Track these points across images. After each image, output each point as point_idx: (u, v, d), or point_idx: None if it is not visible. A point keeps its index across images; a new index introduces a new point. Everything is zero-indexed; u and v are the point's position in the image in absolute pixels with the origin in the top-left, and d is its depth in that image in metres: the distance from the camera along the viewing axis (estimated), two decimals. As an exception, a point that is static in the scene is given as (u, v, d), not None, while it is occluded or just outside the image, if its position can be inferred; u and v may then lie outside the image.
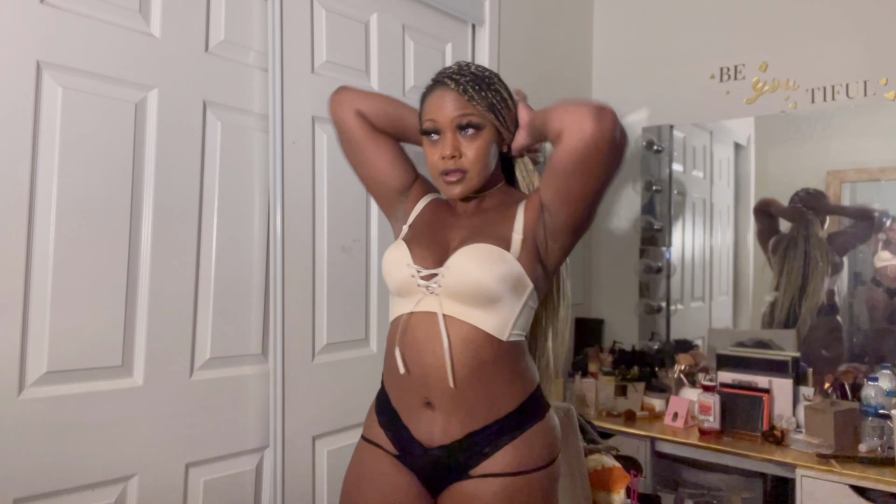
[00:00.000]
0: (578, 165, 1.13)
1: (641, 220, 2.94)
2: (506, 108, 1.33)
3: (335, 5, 1.98)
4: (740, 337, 2.73)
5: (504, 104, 1.32)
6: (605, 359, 2.81)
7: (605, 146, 1.11)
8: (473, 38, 2.49)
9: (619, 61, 3.07)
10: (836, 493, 1.96)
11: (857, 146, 2.53)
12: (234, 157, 1.75)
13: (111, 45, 1.52)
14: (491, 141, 1.30)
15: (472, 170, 1.29)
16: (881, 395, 2.13)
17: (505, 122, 1.32)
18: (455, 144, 1.28)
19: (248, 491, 1.76)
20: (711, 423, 2.29)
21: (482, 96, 1.29)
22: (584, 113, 1.10)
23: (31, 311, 1.40)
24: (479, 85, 1.29)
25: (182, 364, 1.64)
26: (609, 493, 1.79)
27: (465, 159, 1.28)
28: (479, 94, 1.29)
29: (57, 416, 1.42)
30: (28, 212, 1.39)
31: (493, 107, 1.30)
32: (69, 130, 1.45)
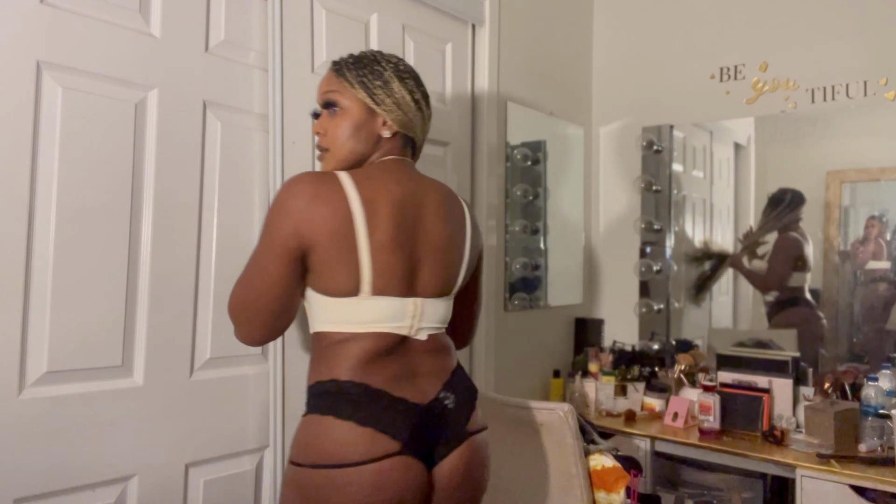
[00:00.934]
0: None
1: (641, 220, 2.94)
2: (384, 88, 1.30)
3: (335, 5, 1.98)
4: (740, 337, 2.73)
5: (385, 85, 1.30)
6: (605, 359, 2.81)
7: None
8: (473, 38, 2.49)
9: (619, 61, 3.07)
10: (836, 493, 1.96)
11: (857, 146, 2.53)
12: (234, 157, 1.75)
13: (111, 45, 1.52)
14: (357, 119, 1.30)
15: (332, 147, 1.32)
16: (881, 395, 2.13)
17: (380, 101, 1.30)
18: (321, 123, 1.34)
19: (248, 491, 1.76)
20: (711, 423, 2.29)
21: (354, 75, 1.29)
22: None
23: (31, 312, 1.40)
24: (356, 65, 1.31)
25: (182, 364, 1.64)
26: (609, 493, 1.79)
27: (327, 137, 1.32)
28: (351, 72, 1.30)
29: (57, 416, 1.42)
30: (28, 212, 1.39)
31: (365, 85, 1.29)
32: (69, 130, 1.45)
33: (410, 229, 1.27)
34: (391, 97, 1.30)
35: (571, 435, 1.78)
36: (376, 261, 1.22)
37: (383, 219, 1.23)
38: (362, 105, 1.30)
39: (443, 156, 2.35)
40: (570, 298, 2.98)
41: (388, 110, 1.30)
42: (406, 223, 1.26)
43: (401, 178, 1.30)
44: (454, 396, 1.31)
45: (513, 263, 2.62)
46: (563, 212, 2.94)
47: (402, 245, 1.25)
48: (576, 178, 3.03)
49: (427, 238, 1.30)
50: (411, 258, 1.27)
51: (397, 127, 1.31)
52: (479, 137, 2.48)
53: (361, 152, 1.32)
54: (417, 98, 1.34)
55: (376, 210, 1.23)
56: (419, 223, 1.29)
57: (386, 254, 1.23)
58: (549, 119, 2.85)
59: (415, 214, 1.28)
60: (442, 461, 1.27)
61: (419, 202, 1.30)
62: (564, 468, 1.79)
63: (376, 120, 1.31)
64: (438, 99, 2.33)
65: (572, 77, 3.02)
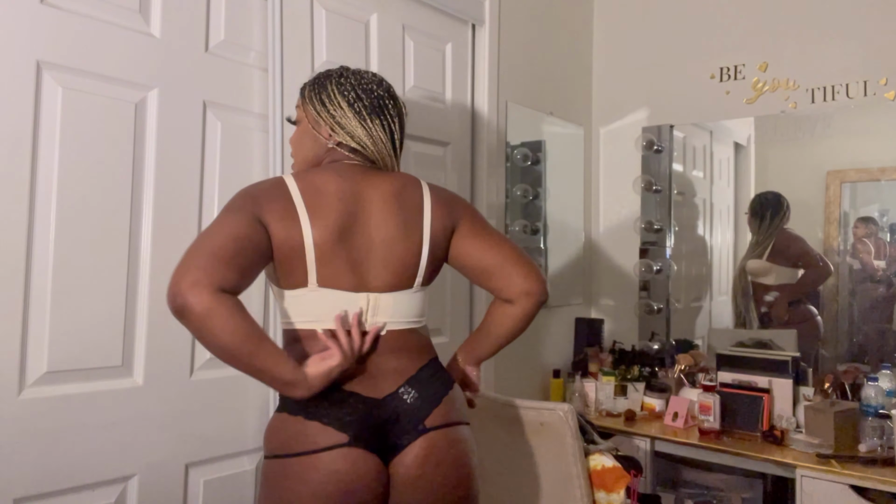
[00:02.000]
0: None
1: (641, 220, 2.94)
2: (326, 101, 1.36)
3: (335, 5, 1.98)
4: (740, 337, 2.73)
5: (327, 97, 1.36)
6: (605, 359, 2.81)
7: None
8: (473, 38, 2.49)
9: (619, 61, 3.07)
10: (836, 493, 1.96)
11: (857, 146, 2.53)
12: (234, 157, 1.75)
13: (111, 45, 1.52)
14: (306, 130, 1.39)
15: (293, 155, 1.45)
16: (881, 395, 2.13)
17: (319, 112, 1.36)
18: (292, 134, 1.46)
19: (248, 491, 1.77)
20: (711, 423, 2.29)
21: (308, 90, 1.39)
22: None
23: (31, 311, 1.40)
24: (313, 81, 1.40)
25: (182, 364, 1.64)
26: (609, 493, 1.79)
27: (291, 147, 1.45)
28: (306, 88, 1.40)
29: (57, 416, 1.42)
30: (28, 212, 1.39)
31: (311, 98, 1.38)
32: (69, 130, 1.45)
33: (353, 222, 1.30)
34: (329, 109, 1.36)
35: (571, 435, 1.78)
36: (319, 250, 1.25)
37: (325, 210, 1.27)
38: (310, 117, 1.38)
39: (443, 156, 2.35)
40: (570, 298, 2.98)
41: (327, 122, 1.36)
42: (348, 216, 1.29)
43: (344, 175, 1.33)
44: (415, 392, 1.29)
45: (513, 263, 2.61)
46: (563, 212, 2.94)
47: (344, 237, 1.28)
48: (576, 178, 3.03)
49: (372, 231, 1.31)
50: (357, 251, 1.30)
51: (338, 137, 1.35)
52: (479, 137, 2.48)
53: (311, 159, 1.40)
54: (358, 109, 1.35)
55: (317, 203, 1.27)
56: (362, 216, 1.31)
57: (329, 245, 1.26)
58: (549, 119, 2.85)
59: (357, 208, 1.31)
60: (397, 456, 1.27)
61: (362, 196, 1.32)
62: (564, 468, 1.79)
63: (321, 130, 1.37)
64: (438, 99, 2.34)
65: (572, 77, 3.02)
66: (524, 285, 1.38)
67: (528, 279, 1.37)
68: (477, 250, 1.40)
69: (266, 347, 1.14)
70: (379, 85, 1.38)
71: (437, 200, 1.40)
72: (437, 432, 1.29)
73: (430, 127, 2.29)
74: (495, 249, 1.40)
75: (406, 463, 1.26)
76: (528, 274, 1.38)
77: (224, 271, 1.11)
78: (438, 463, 1.28)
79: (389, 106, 1.38)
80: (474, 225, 1.42)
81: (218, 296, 1.08)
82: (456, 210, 1.42)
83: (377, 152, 1.36)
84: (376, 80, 1.39)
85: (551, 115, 2.86)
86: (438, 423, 1.30)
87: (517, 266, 1.39)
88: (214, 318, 1.08)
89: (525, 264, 1.39)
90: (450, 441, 1.30)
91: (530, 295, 1.38)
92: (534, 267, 1.40)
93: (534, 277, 1.38)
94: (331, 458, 1.21)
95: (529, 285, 1.38)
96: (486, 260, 1.40)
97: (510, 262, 1.39)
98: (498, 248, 1.41)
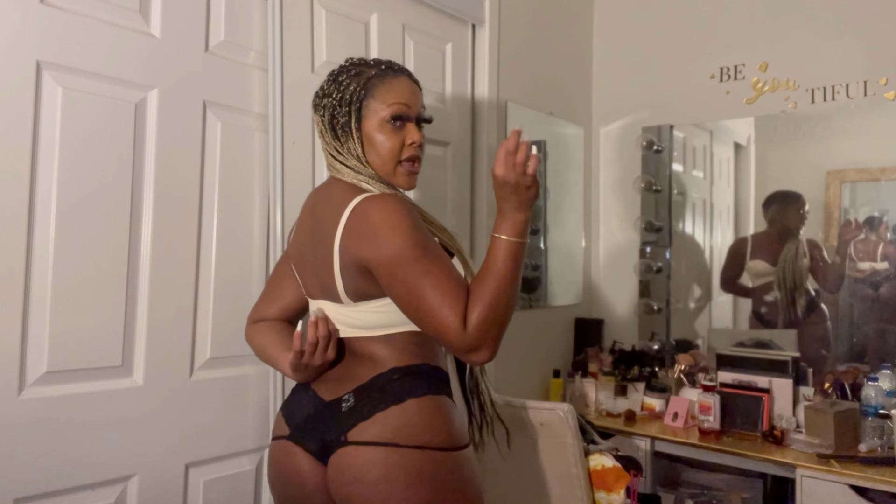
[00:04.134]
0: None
1: (641, 220, 2.94)
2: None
3: (335, 5, 1.98)
4: (740, 337, 2.73)
5: None
6: (605, 359, 2.81)
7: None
8: (473, 38, 2.49)
9: (619, 61, 3.07)
10: (836, 493, 1.96)
11: (857, 146, 2.53)
12: (234, 157, 1.75)
13: (111, 45, 1.52)
14: None
15: (420, 165, 1.36)
16: (881, 395, 2.13)
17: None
18: (420, 133, 1.33)
19: (248, 491, 1.77)
20: (711, 423, 2.29)
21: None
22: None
23: (31, 311, 1.40)
24: (420, 88, 1.37)
25: (182, 364, 1.64)
26: (609, 493, 1.79)
27: (423, 150, 1.35)
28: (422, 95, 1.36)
29: (57, 416, 1.42)
30: (28, 211, 1.39)
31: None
32: (69, 130, 1.45)
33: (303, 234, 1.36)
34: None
35: (571, 435, 1.78)
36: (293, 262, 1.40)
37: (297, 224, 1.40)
38: None
39: (443, 156, 2.35)
40: (570, 298, 2.98)
41: None
42: (303, 228, 1.36)
43: (318, 186, 1.38)
44: (354, 401, 1.22)
45: (513, 263, 2.61)
46: (563, 212, 2.94)
47: (301, 249, 1.35)
48: (576, 177, 3.03)
49: (302, 243, 1.35)
50: (306, 261, 1.34)
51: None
52: (479, 137, 2.48)
53: None
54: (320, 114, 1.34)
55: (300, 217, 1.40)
56: (303, 229, 1.36)
57: (295, 257, 1.38)
58: (549, 119, 2.85)
59: (303, 223, 1.36)
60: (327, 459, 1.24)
61: (311, 209, 1.34)
62: (564, 468, 1.79)
63: None
64: (438, 99, 2.34)
65: (572, 77, 3.02)
66: (444, 346, 1.20)
67: (444, 339, 1.14)
68: (396, 301, 1.20)
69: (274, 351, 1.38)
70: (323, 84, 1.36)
71: (347, 229, 1.20)
72: (354, 448, 1.18)
73: (430, 127, 2.26)
74: (410, 308, 1.17)
75: (328, 471, 1.22)
76: (443, 333, 1.13)
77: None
78: (339, 478, 1.19)
79: (317, 105, 1.34)
80: (381, 276, 1.18)
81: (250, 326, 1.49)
82: (361, 249, 1.18)
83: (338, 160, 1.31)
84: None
85: (551, 115, 2.86)
86: (358, 439, 1.18)
87: (430, 326, 1.15)
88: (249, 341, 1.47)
89: (436, 323, 1.13)
90: (362, 461, 1.17)
91: (451, 351, 1.20)
92: (447, 328, 1.12)
93: (444, 337, 1.14)
94: (273, 447, 1.32)
95: (447, 345, 1.16)
96: (407, 315, 1.20)
97: (425, 322, 1.15)
98: (411, 308, 1.17)
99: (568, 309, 2.97)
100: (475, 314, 1.12)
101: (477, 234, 2.45)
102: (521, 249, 1.19)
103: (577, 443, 1.79)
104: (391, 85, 1.30)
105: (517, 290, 1.20)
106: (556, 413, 1.78)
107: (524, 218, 1.19)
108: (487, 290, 1.14)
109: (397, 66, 1.35)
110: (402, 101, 1.29)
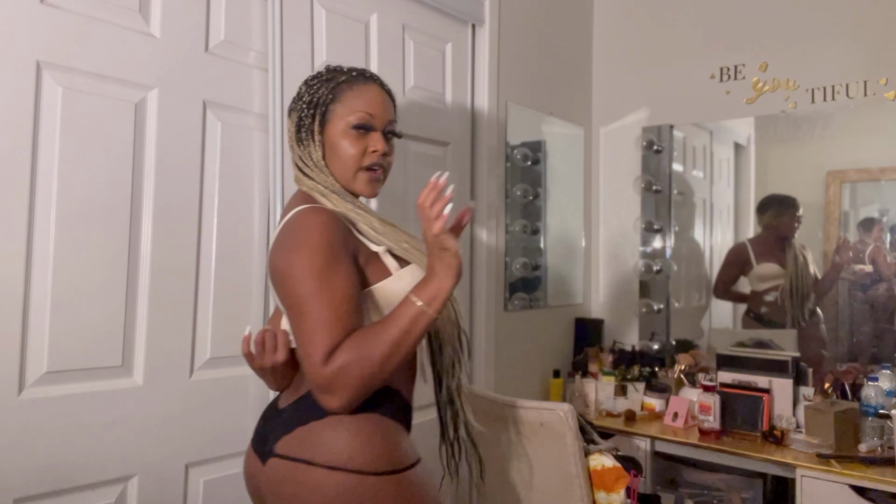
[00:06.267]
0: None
1: (641, 220, 2.94)
2: None
3: (335, 5, 1.98)
4: (740, 337, 2.73)
5: None
6: (605, 359, 2.81)
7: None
8: (473, 38, 2.49)
9: (619, 61, 3.07)
10: (836, 493, 1.96)
11: (857, 146, 2.53)
12: (234, 157, 1.75)
13: (111, 45, 1.52)
14: None
15: (387, 174, 1.32)
16: (881, 395, 2.13)
17: None
18: (386, 144, 1.29)
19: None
20: (711, 423, 2.29)
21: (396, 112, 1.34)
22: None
23: (31, 311, 1.40)
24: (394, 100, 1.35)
25: (182, 364, 1.64)
26: (609, 493, 1.79)
27: (388, 160, 1.31)
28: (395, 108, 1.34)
29: (57, 416, 1.42)
30: (28, 211, 1.40)
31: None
32: (69, 130, 1.45)
33: None
34: None
35: (571, 435, 1.78)
36: None
37: None
38: None
39: (443, 156, 2.35)
40: (570, 298, 2.98)
41: None
42: None
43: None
44: (289, 413, 1.22)
45: (513, 263, 2.62)
46: (562, 212, 2.94)
47: None
48: (576, 178, 3.03)
49: None
50: None
51: None
52: (479, 137, 2.48)
53: None
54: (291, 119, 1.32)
55: None
56: None
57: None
58: (549, 119, 2.85)
59: None
60: None
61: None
62: (564, 468, 1.79)
63: None
64: (438, 99, 2.34)
65: (572, 77, 3.02)
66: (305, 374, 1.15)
67: (305, 367, 1.11)
68: (286, 314, 1.19)
69: None
70: None
71: (276, 239, 1.20)
72: (276, 460, 1.17)
73: (430, 127, 2.29)
74: (292, 324, 1.15)
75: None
76: (305, 360, 1.10)
77: None
78: (268, 492, 1.19)
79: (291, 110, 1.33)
80: (277, 286, 1.17)
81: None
82: (273, 257, 1.18)
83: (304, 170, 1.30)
84: None
85: (551, 115, 2.86)
86: (280, 452, 1.17)
87: (301, 349, 1.12)
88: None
89: (304, 348, 1.10)
90: (279, 475, 1.17)
91: (309, 383, 1.14)
92: (310, 356, 1.08)
93: (304, 364, 1.10)
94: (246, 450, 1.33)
95: (306, 375, 1.11)
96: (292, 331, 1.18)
97: (298, 343, 1.12)
98: (293, 324, 1.14)
99: (568, 309, 2.97)
100: (340, 358, 1.06)
101: (477, 234, 2.45)
102: (429, 322, 1.09)
103: (577, 443, 1.79)
104: (359, 92, 1.29)
105: (400, 357, 1.09)
106: (556, 413, 1.78)
107: (447, 287, 1.09)
108: (368, 342, 1.07)
109: (370, 75, 1.33)
110: (367, 109, 1.27)
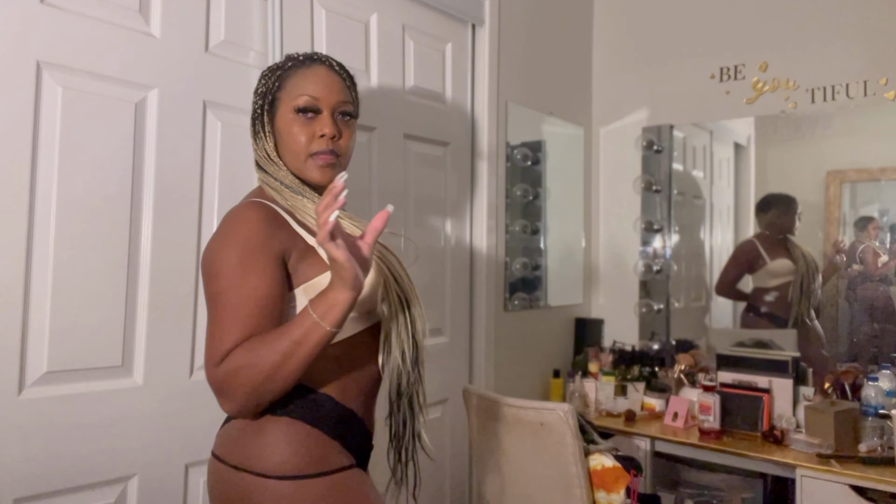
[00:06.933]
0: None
1: (641, 220, 2.95)
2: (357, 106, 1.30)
3: (335, 5, 1.98)
4: (740, 337, 2.73)
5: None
6: (605, 359, 2.81)
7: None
8: (473, 38, 2.49)
9: (618, 61, 3.07)
10: (836, 493, 1.96)
11: (857, 146, 2.53)
12: (234, 157, 1.75)
13: (111, 45, 1.52)
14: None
15: (344, 157, 1.24)
16: (881, 395, 2.13)
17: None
18: (337, 125, 1.22)
19: (248, 491, 1.76)
20: (711, 423, 2.29)
21: (355, 89, 1.29)
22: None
23: (31, 311, 1.40)
24: (351, 77, 1.29)
25: (182, 364, 1.64)
26: (609, 493, 1.79)
27: (342, 144, 1.23)
28: (354, 86, 1.28)
29: (57, 416, 1.42)
30: (28, 212, 1.39)
31: (358, 103, 1.29)
32: (69, 130, 1.45)
33: None
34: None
35: (571, 435, 1.78)
36: None
37: None
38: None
39: (443, 156, 2.35)
40: (570, 298, 2.98)
41: None
42: None
43: None
44: None
45: (513, 263, 2.62)
46: (562, 212, 2.94)
47: None
48: (576, 178, 3.03)
49: None
50: None
51: None
52: (479, 137, 2.48)
53: None
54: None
55: None
56: None
57: None
58: (549, 119, 2.85)
59: None
60: None
61: None
62: (564, 468, 1.79)
63: None
64: (438, 99, 2.34)
65: (572, 77, 3.02)
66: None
67: (204, 362, 1.10)
68: None
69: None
70: None
71: (213, 233, 1.19)
72: (211, 458, 1.20)
73: (430, 127, 2.29)
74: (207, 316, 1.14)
75: None
76: (205, 355, 1.10)
77: None
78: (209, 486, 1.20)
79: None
80: (202, 275, 1.17)
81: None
82: (205, 257, 1.17)
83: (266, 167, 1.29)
84: None
85: (551, 115, 2.86)
86: (214, 450, 1.20)
87: (206, 342, 1.11)
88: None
89: (207, 343, 1.10)
90: (211, 472, 1.19)
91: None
92: (206, 355, 1.08)
93: (204, 359, 1.10)
94: None
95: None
96: None
97: (206, 336, 1.12)
98: (207, 316, 1.14)
99: (568, 309, 2.97)
100: (232, 362, 1.04)
101: (476, 234, 2.45)
102: (325, 336, 1.03)
103: (577, 443, 1.79)
104: (303, 75, 1.22)
105: (293, 367, 1.04)
106: (556, 413, 1.79)
107: (343, 299, 1.01)
108: (259, 349, 1.04)
109: (318, 56, 1.26)
110: (310, 92, 1.20)
